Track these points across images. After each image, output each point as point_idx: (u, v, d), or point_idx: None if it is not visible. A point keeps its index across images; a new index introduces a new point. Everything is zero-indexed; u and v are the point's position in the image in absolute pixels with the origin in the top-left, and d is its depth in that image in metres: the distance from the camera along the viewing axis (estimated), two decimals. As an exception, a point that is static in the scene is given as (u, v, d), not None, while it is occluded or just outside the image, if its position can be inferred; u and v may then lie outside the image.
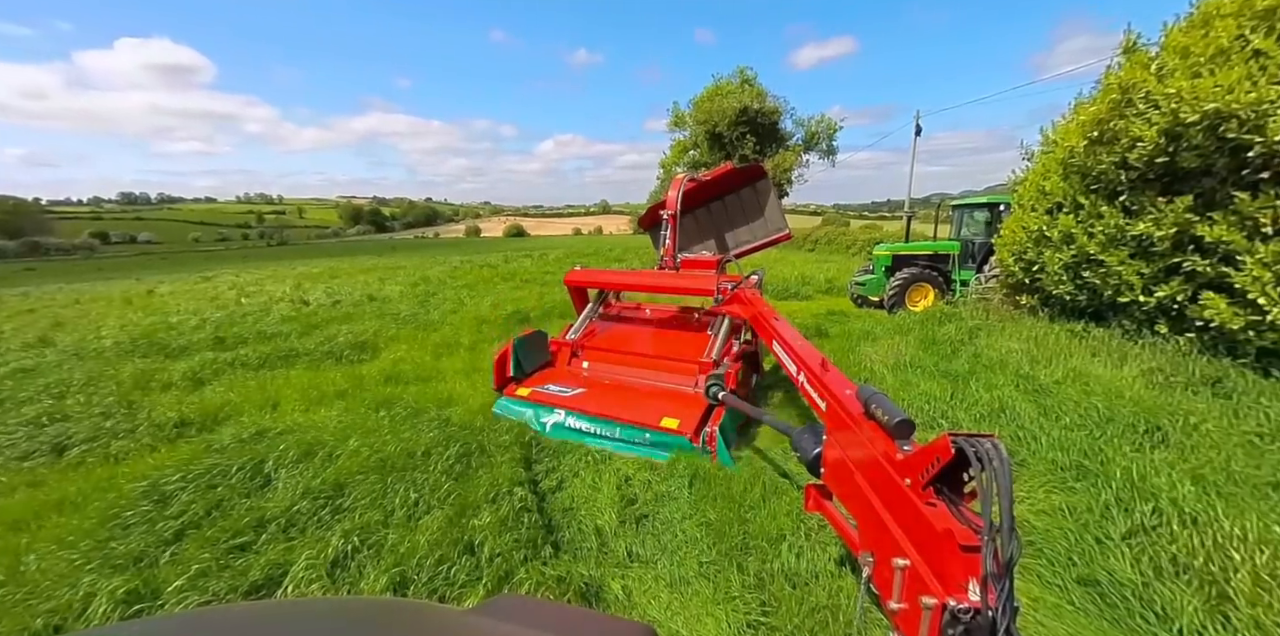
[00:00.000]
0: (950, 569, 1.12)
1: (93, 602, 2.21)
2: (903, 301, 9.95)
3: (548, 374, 4.88)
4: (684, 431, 3.72)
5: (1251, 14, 4.38)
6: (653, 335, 5.28)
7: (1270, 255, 4.05)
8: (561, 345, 5.10)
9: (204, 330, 8.08)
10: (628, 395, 4.38)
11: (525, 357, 4.78)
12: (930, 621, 1.07)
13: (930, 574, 1.17)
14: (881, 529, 1.42)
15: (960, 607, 1.05)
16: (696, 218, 6.62)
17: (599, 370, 4.88)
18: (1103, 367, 4.95)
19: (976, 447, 1.15)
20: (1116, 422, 3.84)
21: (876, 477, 1.51)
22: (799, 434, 2.26)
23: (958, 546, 1.12)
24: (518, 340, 4.77)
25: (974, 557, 1.08)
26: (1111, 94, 5.49)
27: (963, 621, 1.04)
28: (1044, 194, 6.63)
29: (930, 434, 4.18)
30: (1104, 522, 2.77)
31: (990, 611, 1.01)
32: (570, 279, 5.35)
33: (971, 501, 1.28)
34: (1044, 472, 3.36)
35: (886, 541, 1.38)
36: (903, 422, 1.50)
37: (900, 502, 1.36)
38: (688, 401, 4.08)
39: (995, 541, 1.03)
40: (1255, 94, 4.02)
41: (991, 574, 1.02)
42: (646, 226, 6.73)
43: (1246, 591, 2.17)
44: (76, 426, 4.52)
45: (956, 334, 6.60)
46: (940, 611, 1.06)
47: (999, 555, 1.02)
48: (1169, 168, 4.91)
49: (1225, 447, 3.36)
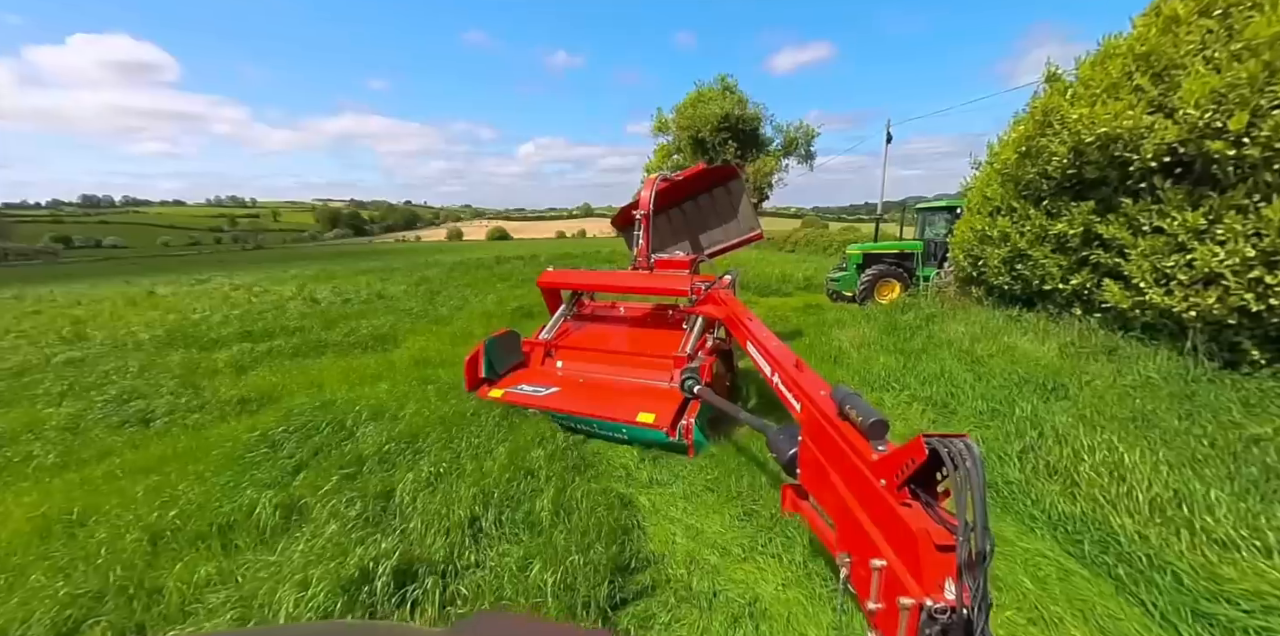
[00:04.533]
0: (926, 568, 1.11)
1: (257, 507, 2.94)
2: (872, 295, 10.99)
3: (521, 374, 4.83)
4: (660, 425, 3.77)
5: (1135, 56, 5.45)
6: (627, 332, 5.27)
7: (1147, 248, 5.09)
8: (534, 345, 5.07)
9: (229, 326, 8.65)
10: (602, 392, 4.36)
11: (497, 358, 4.73)
12: (908, 622, 1.07)
13: (907, 574, 1.16)
14: (858, 529, 1.41)
15: (937, 607, 1.04)
16: (670, 218, 6.61)
17: (573, 369, 4.85)
18: (1029, 343, 5.96)
19: (949, 448, 1.14)
20: (1030, 382, 4.82)
21: (852, 478, 1.51)
22: (775, 434, 2.26)
23: (933, 546, 1.12)
24: (489, 341, 4.70)
25: (949, 557, 1.08)
26: (1036, 116, 6.55)
27: (939, 621, 1.03)
28: (987, 199, 7.69)
29: (886, 395, 5.11)
30: (1005, 446, 3.71)
31: (965, 609, 1.01)
32: (543, 280, 5.30)
33: (945, 500, 1.28)
34: (969, 416, 4.31)
35: (863, 542, 1.37)
36: (877, 423, 1.49)
37: (876, 503, 1.36)
38: (663, 396, 4.10)
39: (970, 540, 1.04)
40: (1133, 121, 5.06)
41: (966, 572, 1.03)
42: (620, 226, 6.63)
43: (1087, 478, 3.11)
44: (153, 403, 5.16)
45: (914, 321, 7.61)
46: (917, 611, 1.06)
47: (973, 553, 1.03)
48: (1077, 178, 5.97)
49: (1106, 396, 4.35)
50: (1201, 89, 4.52)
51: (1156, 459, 3.22)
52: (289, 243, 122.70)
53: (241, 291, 13.56)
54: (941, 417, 4.42)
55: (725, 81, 32.87)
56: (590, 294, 5.84)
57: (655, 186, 5.45)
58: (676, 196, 6.41)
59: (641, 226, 5.33)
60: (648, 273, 5.23)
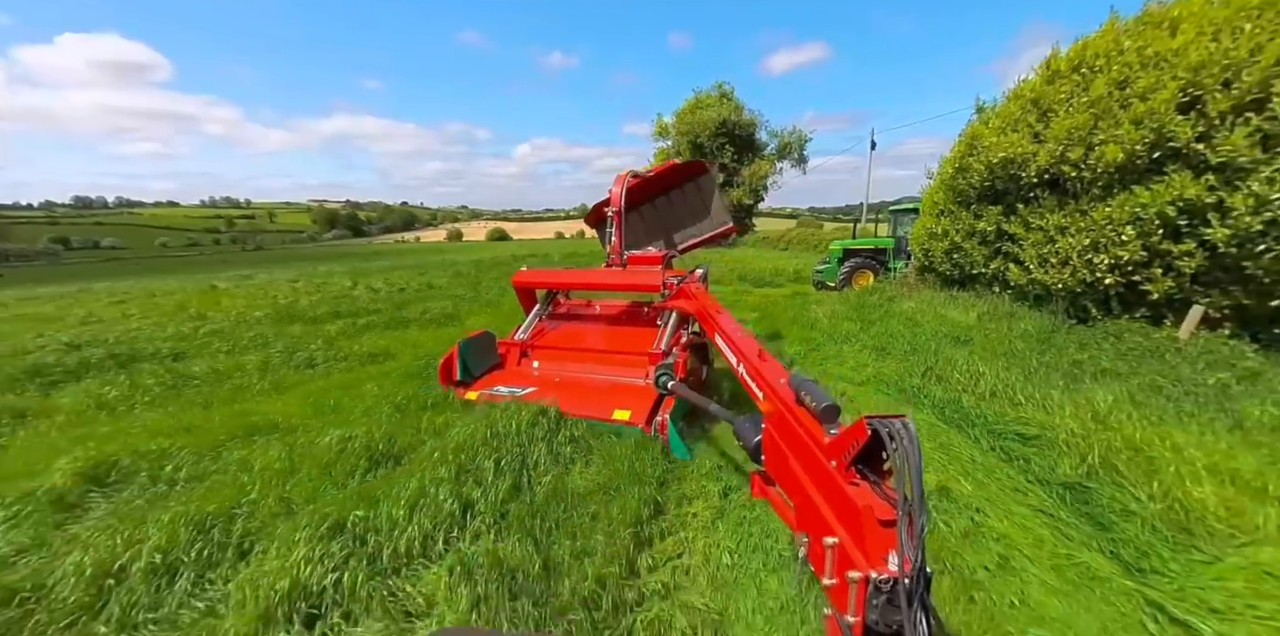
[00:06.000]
0: (872, 543, 1.17)
1: (449, 396, 4.81)
2: (850, 283, 12.99)
3: (496, 375, 4.85)
4: (636, 422, 3.83)
5: (1028, 99, 7.41)
6: (602, 331, 5.33)
7: (1033, 240, 7.05)
8: (510, 346, 5.11)
9: (320, 307, 10.49)
10: (579, 391, 4.42)
11: (472, 360, 4.75)
12: (856, 594, 1.13)
13: (855, 549, 1.21)
14: (813, 509, 1.47)
15: (881, 578, 1.09)
16: (642, 214, 6.67)
17: (549, 368, 4.91)
18: (957, 313, 7.90)
19: (889, 428, 1.20)
20: (948, 336, 6.74)
21: (808, 461, 1.58)
22: (741, 423, 2.34)
23: (877, 521, 1.18)
24: (463, 342, 4.74)
25: (892, 531, 1.14)
26: (965, 140, 8.53)
27: (884, 591, 1.09)
28: (935, 204, 9.66)
29: (845, 346, 7.03)
30: (916, 368, 5.62)
31: (906, 579, 1.07)
32: (518, 280, 5.33)
33: (889, 478, 1.34)
34: (897, 355, 6.24)
35: (818, 521, 1.42)
36: (829, 407, 1.56)
37: (827, 483, 1.42)
38: (639, 393, 4.18)
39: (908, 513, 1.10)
40: (1022, 148, 7.02)
41: (905, 544, 1.08)
42: (593, 224, 6.74)
43: (956, 381, 5.05)
44: (311, 355, 7.01)
45: (878, 300, 9.55)
46: (865, 583, 1.11)
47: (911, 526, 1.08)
48: (991, 188, 7.94)
49: (992, 341, 6.28)
50: (1061, 128, 6.48)
51: (1000, 370, 5.16)
52: (288, 243, 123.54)
53: (301, 283, 15.37)
54: (878, 356, 6.35)
55: (722, 88, 34.88)
56: (565, 292, 5.94)
57: (625, 183, 5.49)
58: (648, 193, 6.47)
59: (614, 223, 5.40)
60: (621, 269, 5.30)
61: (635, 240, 6.35)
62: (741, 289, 14.67)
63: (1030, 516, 3.09)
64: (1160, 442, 3.29)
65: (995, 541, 2.85)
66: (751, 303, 11.81)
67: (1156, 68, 5.66)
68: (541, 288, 5.64)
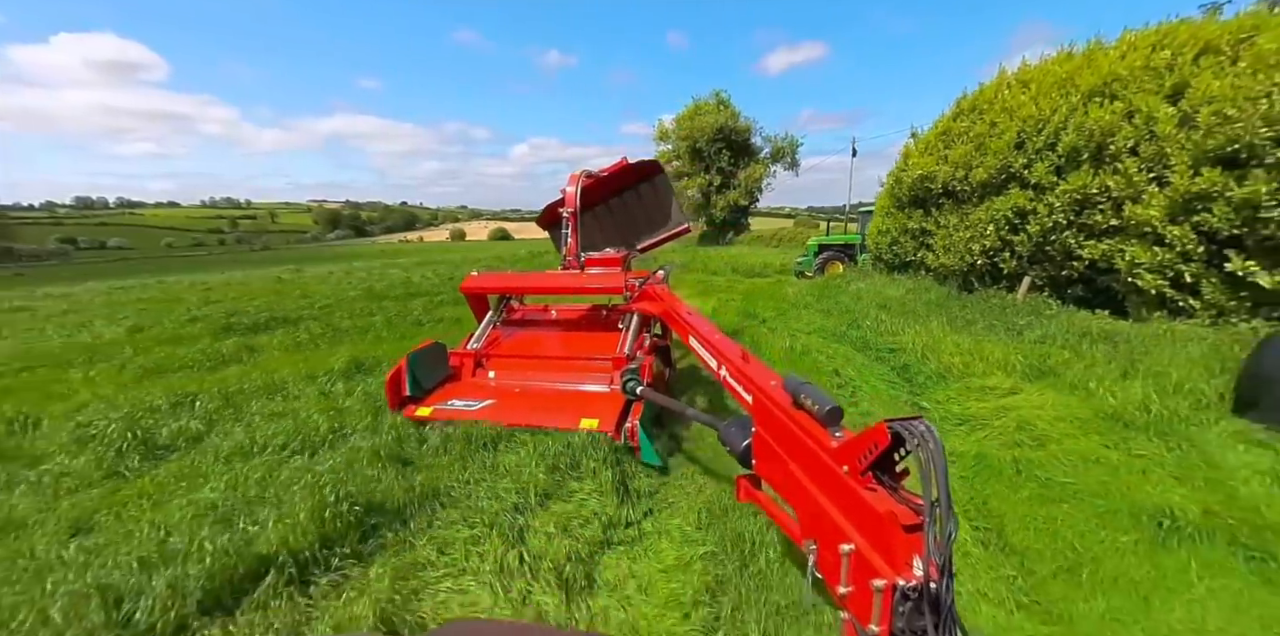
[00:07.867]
0: (895, 549, 1.15)
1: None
2: (823, 272, 15.69)
3: (450, 389, 4.55)
4: (604, 429, 3.65)
5: (942, 130, 10.08)
6: (561, 336, 5.17)
7: (940, 235, 9.72)
8: (463, 357, 4.82)
9: (396, 289, 13.10)
10: (541, 401, 4.24)
11: (423, 374, 4.43)
12: (882, 602, 1.11)
13: (876, 555, 1.19)
14: (823, 516, 1.43)
15: (909, 586, 1.09)
16: (598, 215, 6.56)
17: (507, 378, 4.67)
18: (892, 290, 10.55)
19: (911, 431, 1.19)
20: (877, 304, 9.38)
21: (812, 466, 1.54)
22: (726, 427, 2.27)
23: (900, 527, 1.16)
24: (412, 355, 4.39)
25: (917, 536, 1.13)
26: (902, 158, 11.23)
27: (911, 597, 1.09)
28: (882, 207, 12.35)
29: (804, 311, 9.67)
30: (848, 322, 8.26)
31: (934, 584, 1.07)
32: (466, 286, 5.04)
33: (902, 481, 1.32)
34: (836, 315, 8.89)
35: (829, 528, 1.39)
36: (833, 410, 1.53)
37: (840, 489, 1.39)
38: (605, 400, 4.00)
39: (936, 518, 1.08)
40: (934, 168, 9.68)
41: (933, 549, 1.07)
42: (546, 225, 6.59)
43: (870, 326, 7.71)
44: (418, 317, 9.62)
45: (840, 283, 12.20)
46: (891, 591, 1.11)
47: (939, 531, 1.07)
48: (916, 196, 10.63)
49: (908, 306, 8.92)
50: (957, 154, 9.15)
51: (895, 319, 7.80)
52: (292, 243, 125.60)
53: (360, 273, 17.98)
54: (823, 316, 8.99)
55: (720, 96, 37.42)
56: (519, 298, 5.71)
57: (580, 183, 5.38)
58: (604, 193, 6.38)
59: (569, 224, 5.25)
60: (578, 272, 5.16)
61: (591, 242, 6.15)
62: (734, 278, 17.35)
63: (878, 380, 5.75)
64: (951, 345, 5.96)
65: (856, 390, 5.50)
66: (741, 288, 14.45)
67: (1009, 116, 8.33)
68: (494, 293, 5.36)
